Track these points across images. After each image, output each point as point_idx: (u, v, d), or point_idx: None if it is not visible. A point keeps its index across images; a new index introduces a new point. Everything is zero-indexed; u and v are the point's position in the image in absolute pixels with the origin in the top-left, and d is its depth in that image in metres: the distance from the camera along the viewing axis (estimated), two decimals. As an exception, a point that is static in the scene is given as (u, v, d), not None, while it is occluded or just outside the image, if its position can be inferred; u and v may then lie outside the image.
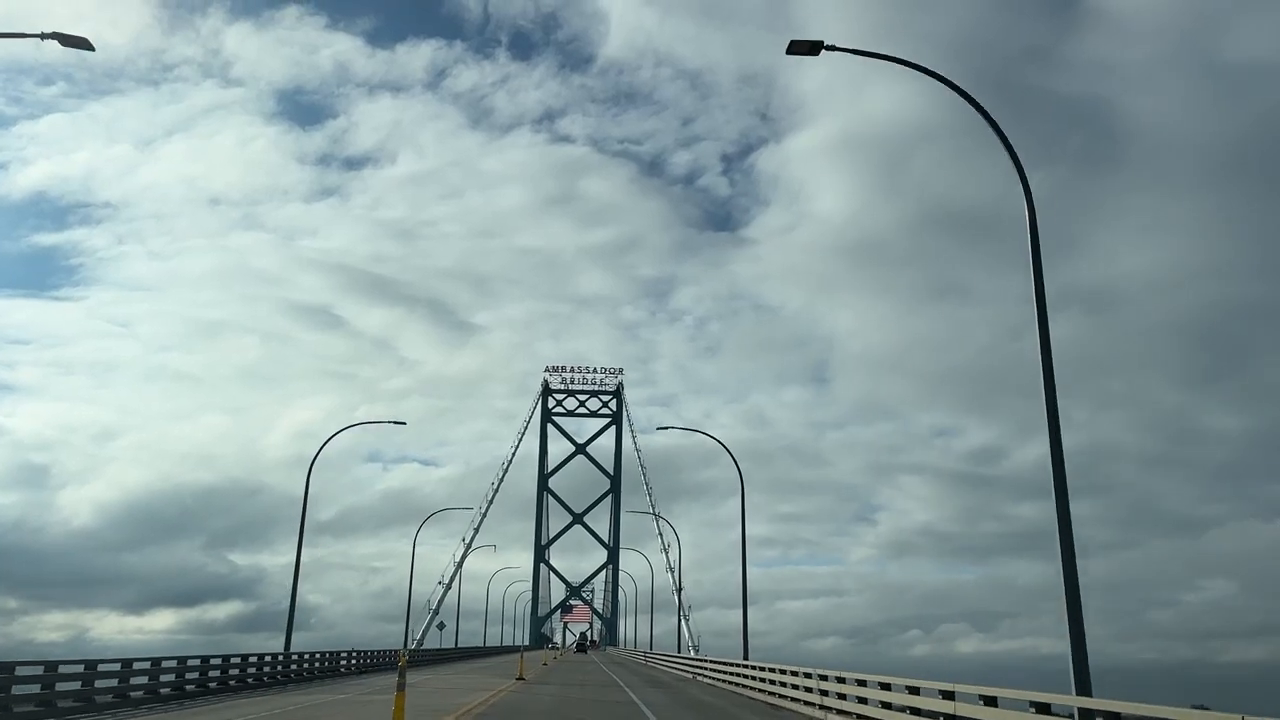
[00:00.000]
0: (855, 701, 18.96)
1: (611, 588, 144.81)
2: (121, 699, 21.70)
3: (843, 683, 20.00)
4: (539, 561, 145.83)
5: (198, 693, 25.30)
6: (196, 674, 25.66)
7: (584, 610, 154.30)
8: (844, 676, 20.26)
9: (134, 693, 22.25)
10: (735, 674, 32.56)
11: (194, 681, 25.33)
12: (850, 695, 19.38)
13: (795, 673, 24.10)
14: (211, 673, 26.70)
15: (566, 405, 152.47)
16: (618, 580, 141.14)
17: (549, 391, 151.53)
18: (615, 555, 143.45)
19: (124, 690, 21.89)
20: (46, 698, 18.76)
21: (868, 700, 18.16)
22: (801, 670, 23.62)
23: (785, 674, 25.14)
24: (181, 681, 24.62)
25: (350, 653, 41.56)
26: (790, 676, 24.47)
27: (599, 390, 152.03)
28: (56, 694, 19.19)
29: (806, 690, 22.79)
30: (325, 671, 37.19)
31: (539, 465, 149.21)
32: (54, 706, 18.90)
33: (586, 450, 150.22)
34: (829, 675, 21.08)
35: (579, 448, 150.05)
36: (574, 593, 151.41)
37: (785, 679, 25.01)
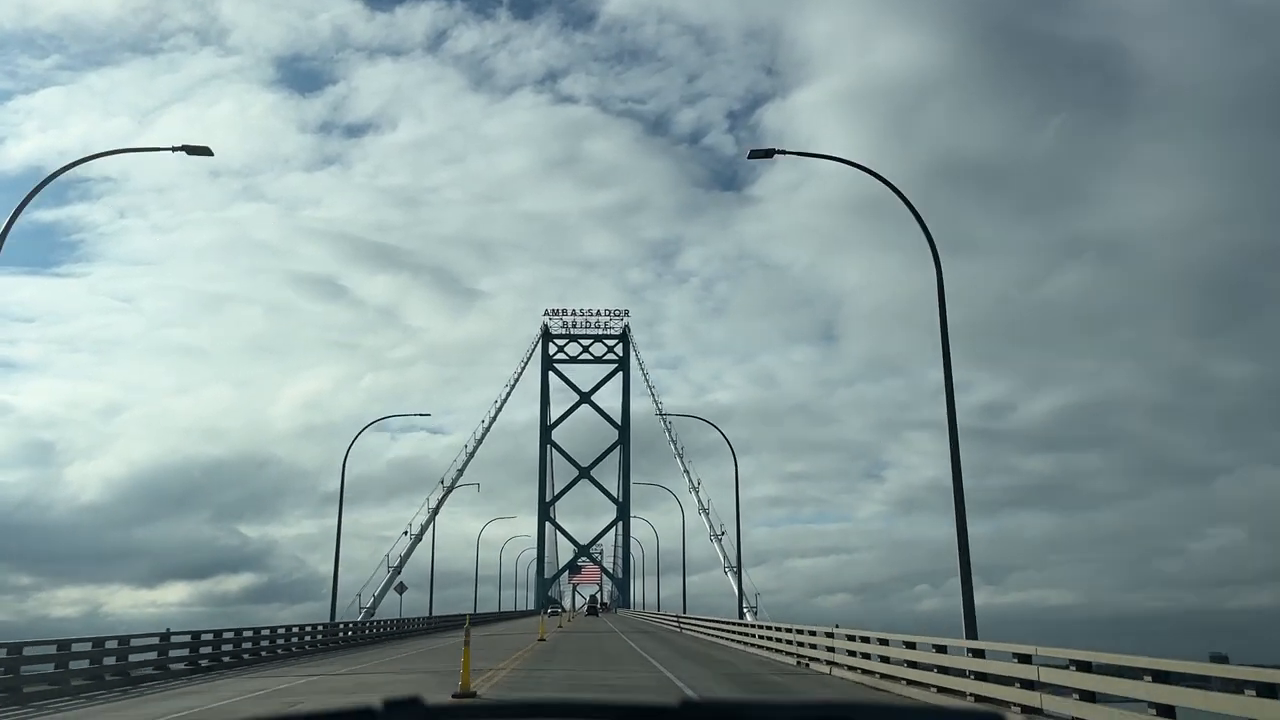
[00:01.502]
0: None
1: (623, 546, 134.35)
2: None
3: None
4: (543, 520, 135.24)
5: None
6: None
7: (593, 570, 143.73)
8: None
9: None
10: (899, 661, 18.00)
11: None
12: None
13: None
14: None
15: (569, 351, 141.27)
16: (629, 538, 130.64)
17: (549, 337, 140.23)
18: (625, 511, 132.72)
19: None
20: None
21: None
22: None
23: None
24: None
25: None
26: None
27: (603, 335, 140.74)
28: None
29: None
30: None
31: (540, 417, 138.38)
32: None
33: (591, 399, 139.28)
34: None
35: (583, 396, 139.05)
36: (582, 552, 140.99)
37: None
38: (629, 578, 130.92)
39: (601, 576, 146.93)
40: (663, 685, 19.21)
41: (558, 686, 18.85)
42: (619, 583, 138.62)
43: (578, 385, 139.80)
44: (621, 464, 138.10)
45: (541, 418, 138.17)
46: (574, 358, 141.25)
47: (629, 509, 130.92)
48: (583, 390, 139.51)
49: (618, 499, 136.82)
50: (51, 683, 18.76)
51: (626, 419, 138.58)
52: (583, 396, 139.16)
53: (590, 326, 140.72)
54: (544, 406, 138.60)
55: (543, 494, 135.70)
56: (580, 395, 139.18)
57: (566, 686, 18.73)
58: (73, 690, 19.14)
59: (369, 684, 20.96)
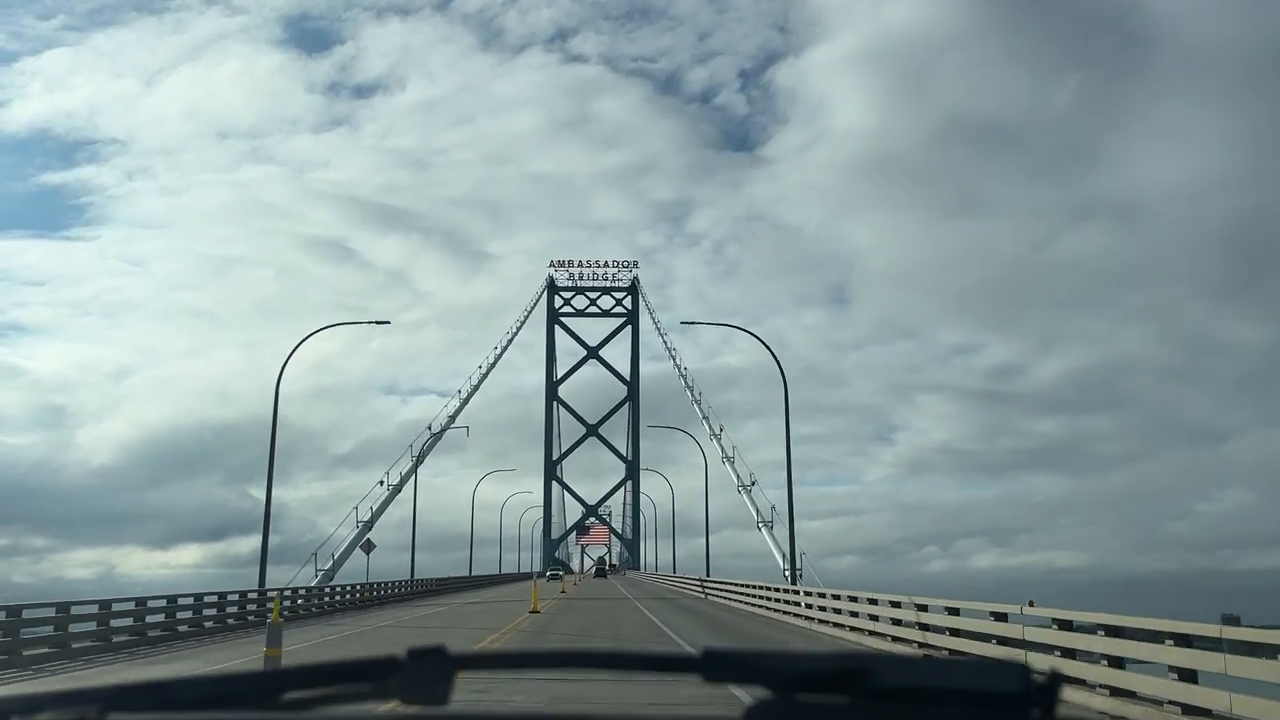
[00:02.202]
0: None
1: (633, 506, 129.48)
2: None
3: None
4: (550, 479, 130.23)
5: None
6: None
7: (602, 531, 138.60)
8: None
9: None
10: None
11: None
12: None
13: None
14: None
15: (575, 305, 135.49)
16: (639, 497, 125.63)
17: (555, 290, 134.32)
18: (635, 470, 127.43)
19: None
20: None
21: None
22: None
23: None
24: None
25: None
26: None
27: (611, 287, 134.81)
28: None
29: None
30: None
31: (546, 373, 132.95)
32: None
33: (599, 354, 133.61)
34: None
35: (591, 351, 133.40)
36: (590, 513, 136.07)
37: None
38: (639, 538, 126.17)
39: (610, 537, 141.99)
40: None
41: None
42: (628, 544, 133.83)
43: (585, 340, 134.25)
44: (630, 422, 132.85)
45: (547, 374, 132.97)
46: (581, 311, 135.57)
47: (639, 468, 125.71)
48: (590, 345, 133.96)
49: (627, 457, 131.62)
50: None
51: (636, 375, 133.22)
52: (590, 351, 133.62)
53: (598, 279, 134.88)
54: (550, 362, 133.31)
55: (549, 452, 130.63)
56: (588, 350, 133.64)
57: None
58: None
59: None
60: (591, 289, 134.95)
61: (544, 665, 1.24)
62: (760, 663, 1.11)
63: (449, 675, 1.17)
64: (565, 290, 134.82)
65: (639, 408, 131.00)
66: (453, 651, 1.19)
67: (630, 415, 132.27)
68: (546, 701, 10.42)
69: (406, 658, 1.17)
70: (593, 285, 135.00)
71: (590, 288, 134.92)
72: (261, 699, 1.21)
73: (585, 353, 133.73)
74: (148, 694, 1.23)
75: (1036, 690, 1.05)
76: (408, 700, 1.16)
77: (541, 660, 1.24)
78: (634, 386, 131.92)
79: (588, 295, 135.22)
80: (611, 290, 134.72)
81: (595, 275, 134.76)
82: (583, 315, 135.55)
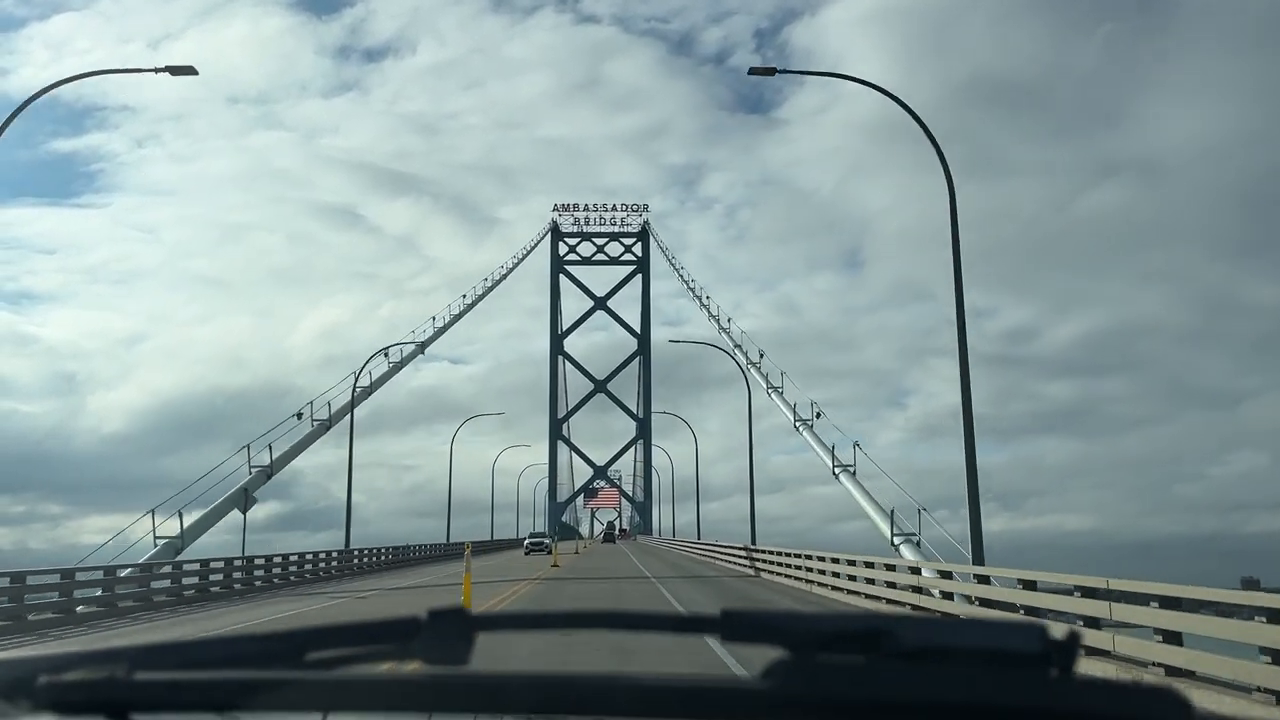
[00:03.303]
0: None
1: (644, 466, 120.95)
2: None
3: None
4: (555, 438, 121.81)
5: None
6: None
7: (611, 494, 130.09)
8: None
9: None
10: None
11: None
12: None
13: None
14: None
15: (582, 251, 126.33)
16: (650, 456, 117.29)
17: (559, 235, 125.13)
18: (647, 428, 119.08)
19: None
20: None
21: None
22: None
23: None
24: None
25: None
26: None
27: (620, 233, 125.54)
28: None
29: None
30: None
31: (550, 324, 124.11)
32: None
33: (607, 305, 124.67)
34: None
35: (598, 302, 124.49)
36: (599, 474, 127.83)
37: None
38: (651, 501, 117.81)
39: (621, 501, 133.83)
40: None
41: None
42: (640, 506, 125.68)
43: (592, 290, 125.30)
44: (641, 378, 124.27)
45: (552, 325, 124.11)
46: (588, 259, 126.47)
47: (650, 426, 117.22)
48: (598, 295, 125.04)
49: (638, 415, 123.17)
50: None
51: (647, 327, 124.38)
52: (597, 302, 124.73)
53: (605, 223, 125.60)
54: (554, 313, 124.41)
55: (554, 410, 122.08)
56: (595, 301, 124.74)
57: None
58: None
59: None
60: (598, 235, 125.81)
61: (563, 625, 1.26)
62: (779, 624, 1.12)
63: (469, 636, 1.18)
64: (570, 236, 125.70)
65: (650, 362, 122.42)
66: (472, 613, 1.20)
67: (641, 370, 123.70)
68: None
69: (427, 619, 1.19)
70: (600, 231, 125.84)
71: (597, 233, 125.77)
72: (285, 658, 1.22)
73: (592, 303, 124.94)
74: (173, 653, 1.27)
75: (1055, 649, 1.05)
76: (428, 661, 1.17)
77: (560, 620, 1.26)
78: (644, 339, 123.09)
79: (594, 241, 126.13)
80: (620, 236, 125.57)
81: (603, 219, 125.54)
82: (589, 263, 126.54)
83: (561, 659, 9.62)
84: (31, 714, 1.18)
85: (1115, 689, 1.04)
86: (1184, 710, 1.00)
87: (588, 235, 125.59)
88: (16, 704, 1.19)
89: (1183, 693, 1.03)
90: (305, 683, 1.20)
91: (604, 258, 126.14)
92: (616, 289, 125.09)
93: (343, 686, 1.22)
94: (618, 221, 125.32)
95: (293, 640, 1.22)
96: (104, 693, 1.17)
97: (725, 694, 1.12)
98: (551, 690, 1.15)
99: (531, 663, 2.58)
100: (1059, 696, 1.02)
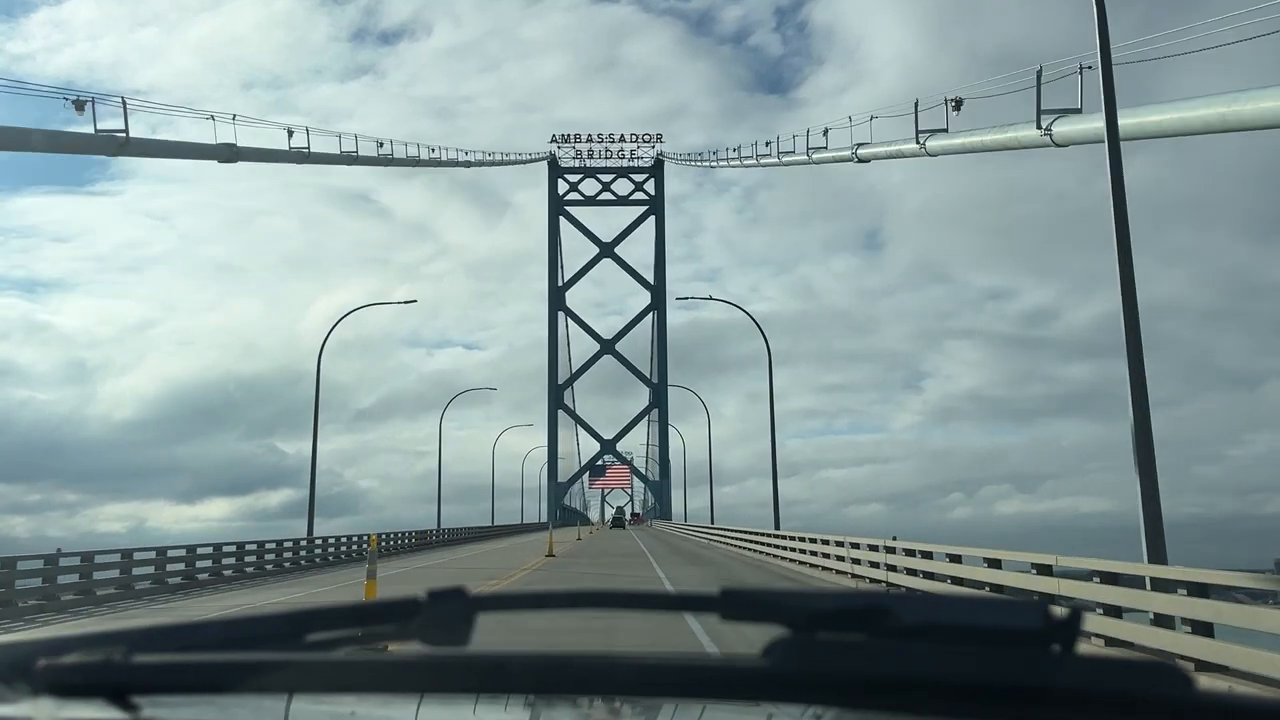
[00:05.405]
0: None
1: (660, 440, 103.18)
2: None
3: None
4: (555, 409, 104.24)
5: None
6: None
7: (621, 471, 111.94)
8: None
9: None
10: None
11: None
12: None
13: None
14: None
15: (585, 190, 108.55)
16: (666, 428, 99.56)
17: (559, 172, 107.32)
18: (663, 395, 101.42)
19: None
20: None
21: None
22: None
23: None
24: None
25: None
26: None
27: (629, 169, 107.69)
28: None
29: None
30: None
31: (549, 273, 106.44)
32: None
33: (614, 252, 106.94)
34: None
35: (604, 248, 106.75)
36: (607, 449, 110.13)
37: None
38: (666, 480, 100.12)
39: (632, 480, 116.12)
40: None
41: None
42: (654, 487, 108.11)
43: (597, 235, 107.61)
44: (655, 338, 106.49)
45: (550, 276, 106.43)
46: (591, 198, 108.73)
47: (666, 394, 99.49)
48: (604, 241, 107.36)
49: (651, 380, 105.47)
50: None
51: (661, 277, 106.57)
52: (603, 249, 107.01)
53: (612, 157, 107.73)
54: (553, 262, 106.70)
55: (553, 375, 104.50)
56: (600, 247, 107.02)
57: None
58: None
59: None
60: (604, 170, 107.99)
61: (564, 605, 1.27)
62: (779, 602, 1.12)
63: (470, 616, 1.18)
64: (572, 173, 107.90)
65: (665, 318, 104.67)
66: (473, 593, 1.21)
67: (654, 326, 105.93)
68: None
69: (427, 599, 1.19)
70: (606, 167, 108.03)
71: (603, 169, 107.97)
72: (285, 640, 1.23)
73: (598, 250, 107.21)
74: (173, 635, 1.26)
75: (1058, 626, 1.05)
76: (429, 641, 1.18)
77: (561, 600, 1.27)
78: (659, 291, 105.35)
79: (599, 179, 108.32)
80: (629, 172, 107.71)
81: (608, 152, 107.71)
82: (594, 203, 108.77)
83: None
84: (30, 697, 1.16)
85: (1117, 665, 1.02)
86: (1184, 684, 1.00)
87: (591, 171, 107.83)
88: (15, 687, 1.17)
89: (1182, 668, 1.03)
90: (305, 664, 1.19)
91: (611, 197, 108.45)
92: (626, 233, 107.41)
93: (342, 667, 1.20)
94: (626, 154, 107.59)
95: (292, 621, 1.22)
96: (102, 675, 1.16)
97: (725, 672, 1.10)
98: (551, 669, 1.14)
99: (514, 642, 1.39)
100: (1060, 674, 1.00)
